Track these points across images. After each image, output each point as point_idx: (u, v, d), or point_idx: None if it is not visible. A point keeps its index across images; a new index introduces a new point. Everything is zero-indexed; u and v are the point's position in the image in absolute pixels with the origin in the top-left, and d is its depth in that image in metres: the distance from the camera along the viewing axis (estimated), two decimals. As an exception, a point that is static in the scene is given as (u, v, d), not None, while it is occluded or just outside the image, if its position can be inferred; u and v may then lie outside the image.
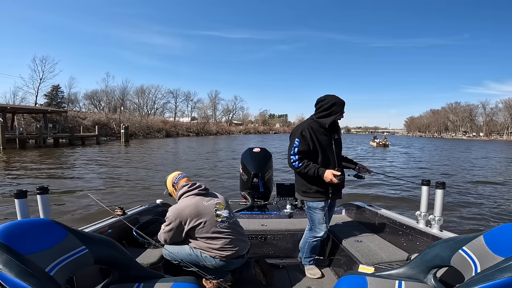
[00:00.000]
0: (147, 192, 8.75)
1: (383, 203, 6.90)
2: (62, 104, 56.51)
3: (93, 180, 11.06)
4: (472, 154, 26.80)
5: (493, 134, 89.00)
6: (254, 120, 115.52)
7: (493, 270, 1.10)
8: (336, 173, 2.24)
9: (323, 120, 2.36)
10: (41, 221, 1.45)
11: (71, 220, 5.56)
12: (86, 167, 14.65)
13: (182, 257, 2.10)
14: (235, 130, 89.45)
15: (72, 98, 61.34)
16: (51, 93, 55.40)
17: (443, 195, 2.25)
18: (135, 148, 27.72)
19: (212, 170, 14.12)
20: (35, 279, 1.07)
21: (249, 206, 3.92)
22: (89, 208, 6.46)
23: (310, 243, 2.53)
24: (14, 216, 1.69)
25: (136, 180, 11.08)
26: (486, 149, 35.03)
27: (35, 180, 11.00)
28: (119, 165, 15.40)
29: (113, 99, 65.78)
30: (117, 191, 9.05)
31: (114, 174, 12.40)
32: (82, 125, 40.01)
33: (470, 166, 16.92)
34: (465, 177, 12.71)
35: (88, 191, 8.17)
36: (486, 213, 6.89)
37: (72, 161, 17.25)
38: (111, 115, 55.01)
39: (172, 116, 78.24)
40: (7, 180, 10.92)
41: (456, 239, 1.56)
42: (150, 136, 52.94)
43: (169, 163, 17.22)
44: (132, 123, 49.24)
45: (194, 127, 70.50)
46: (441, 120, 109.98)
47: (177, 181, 2.29)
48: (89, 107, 65.36)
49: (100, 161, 17.08)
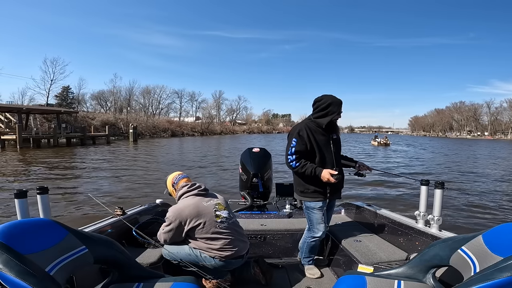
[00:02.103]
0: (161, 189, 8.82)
1: (382, 203, 6.88)
2: (72, 104, 57.64)
3: (109, 179, 11.24)
4: (473, 154, 26.64)
5: (497, 133, 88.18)
6: (257, 119, 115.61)
7: (492, 270, 1.09)
8: (333, 173, 2.24)
9: (320, 120, 2.36)
10: (41, 221, 1.45)
11: (71, 220, 5.59)
12: (103, 166, 15.03)
13: (182, 257, 2.11)
14: (239, 130, 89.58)
15: (79, 98, 62.38)
16: (62, 94, 56.62)
17: (442, 195, 2.25)
18: (144, 148, 28.19)
19: (221, 168, 14.26)
20: (35, 278, 1.08)
21: (249, 206, 3.93)
22: (89, 208, 6.49)
23: (308, 243, 2.53)
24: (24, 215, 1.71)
25: (152, 178, 11.26)
26: (489, 148, 34.79)
27: (53, 178, 11.36)
28: (133, 164, 15.76)
29: (119, 100, 66.49)
30: (132, 189, 9.16)
31: (129, 173, 12.69)
32: (91, 125, 40.74)
33: (470, 166, 16.83)
34: (464, 177, 12.64)
35: (89, 191, 8.24)
36: (485, 212, 6.86)
37: (89, 159, 17.68)
38: (118, 115, 55.85)
39: (177, 116, 79.05)
40: (26, 178, 11.25)
41: (455, 238, 1.55)
42: (156, 135, 53.50)
43: (179, 161, 17.45)
44: (138, 123, 49.84)
45: (198, 127, 70.99)
46: (445, 120, 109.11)
47: (177, 182, 2.30)
48: (95, 107, 66.35)
49: (114, 161, 17.40)
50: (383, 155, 24.86)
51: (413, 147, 37.21)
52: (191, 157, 20.12)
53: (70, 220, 5.53)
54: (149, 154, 21.60)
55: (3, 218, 5.73)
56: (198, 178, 11.44)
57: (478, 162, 19.25)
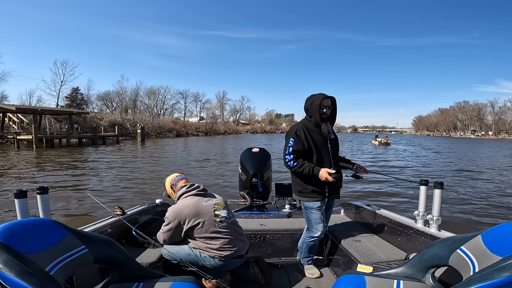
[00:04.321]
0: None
1: (381, 203, 6.88)
2: (81, 105, 58.27)
3: (123, 178, 11.35)
4: (474, 153, 26.46)
5: (501, 133, 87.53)
6: (260, 119, 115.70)
7: (491, 270, 1.09)
8: (331, 171, 2.23)
9: (313, 119, 2.38)
10: (41, 221, 1.46)
11: (71, 220, 5.61)
12: (119, 165, 15.23)
13: (181, 257, 2.12)
14: (242, 130, 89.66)
15: (87, 99, 63.14)
16: (71, 95, 57.35)
17: (441, 194, 2.24)
18: (153, 148, 28.54)
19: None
20: (35, 278, 1.08)
21: (248, 206, 3.94)
22: (89, 207, 6.50)
23: (307, 243, 2.53)
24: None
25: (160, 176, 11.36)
26: (491, 148, 34.56)
27: (72, 174, 11.71)
28: (150, 163, 15.96)
29: (124, 100, 67.04)
30: (143, 189, 9.18)
31: (143, 171, 12.86)
32: (100, 125, 41.32)
33: (470, 165, 16.70)
34: (464, 176, 12.54)
35: (89, 191, 8.31)
36: (485, 212, 6.82)
37: (105, 159, 17.92)
38: (125, 116, 56.54)
39: (181, 116, 79.47)
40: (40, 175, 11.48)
41: (454, 238, 1.54)
42: (162, 135, 53.87)
43: (192, 161, 17.57)
44: (144, 123, 50.19)
45: (203, 127, 71.35)
46: (449, 119, 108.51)
47: (176, 183, 2.31)
48: (101, 107, 66.90)
49: (126, 160, 17.60)
50: (383, 154, 24.85)
51: (411, 146, 37.25)
52: (202, 156, 20.33)
53: (70, 220, 5.55)
54: (159, 154, 21.93)
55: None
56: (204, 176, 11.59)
57: (478, 162, 19.09)
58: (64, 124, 34.83)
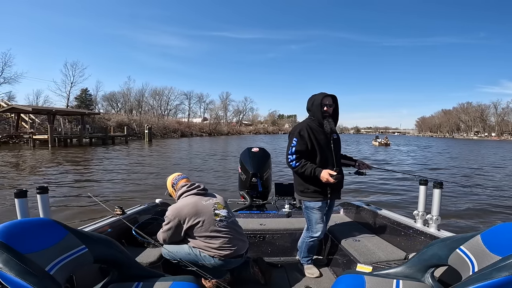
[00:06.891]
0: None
1: (381, 203, 6.86)
2: (90, 106, 58.70)
3: (141, 175, 11.52)
4: (475, 153, 26.43)
5: (504, 134, 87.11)
6: (263, 120, 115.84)
7: (491, 269, 1.09)
8: (332, 173, 2.23)
9: (316, 118, 2.37)
10: (41, 221, 1.46)
11: (71, 219, 5.61)
12: (129, 163, 15.64)
13: (181, 256, 2.12)
14: (245, 131, 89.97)
15: (96, 100, 63.80)
16: (80, 96, 57.87)
17: (440, 194, 2.24)
18: (159, 147, 28.95)
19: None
20: (35, 278, 1.08)
21: (248, 205, 3.94)
22: (89, 207, 6.52)
23: (307, 243, 2.53)
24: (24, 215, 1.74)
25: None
26: (492, 148, 34.52)
27: (88, 172, 12.05)
28: (161, 163, 16.14)
29: (129, 101, 67.71)
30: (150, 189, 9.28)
31: (157, 169, 13.10)
32: (108, 126, 41.82)
33: (470, 165, 16.68)
34: (463, 176, 12.55)
35: (91, 190, 8.34)
36: (484, 212, 6.80)
37: (121, 158, 18.25)
38: (131, 116, 57.27)
39: (184, 116, 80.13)
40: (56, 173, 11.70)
41: (454, 238, 1.54)
42: (167, 136, 54.51)
43: (201, 160, 17.74)
44: (150, 123, 50.61)
45: (206, 128, 72.02)
46: (452, 120, 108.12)
47: (177, 182, 2.32)
48: (107, 108, 67.45)
49: (137, 159, 17.83)
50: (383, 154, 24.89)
51: (410, 146, 37.39)
52: (207, 156, 20.55)
53: (70, 220, 5.56)
54: (167, 153, 22.34)
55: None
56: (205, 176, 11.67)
57: (478, 161, 19.06)
58: (75, 124, 35.96)
